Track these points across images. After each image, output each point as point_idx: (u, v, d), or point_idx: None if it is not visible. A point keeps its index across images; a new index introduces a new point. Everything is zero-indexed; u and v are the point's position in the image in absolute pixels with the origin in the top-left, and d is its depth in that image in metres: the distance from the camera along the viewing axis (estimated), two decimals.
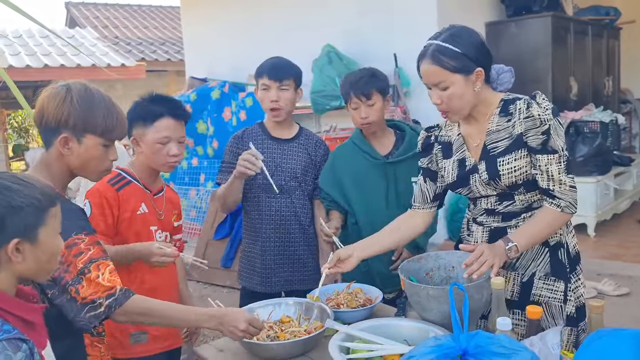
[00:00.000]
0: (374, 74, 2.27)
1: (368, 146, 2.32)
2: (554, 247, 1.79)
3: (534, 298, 1.78)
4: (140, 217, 1.98)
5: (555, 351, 1.26)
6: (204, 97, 5.88)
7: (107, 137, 1.56)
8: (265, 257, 2.42)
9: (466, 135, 1.83)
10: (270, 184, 2.24)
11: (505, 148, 1.72)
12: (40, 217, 1.17)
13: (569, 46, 5.54)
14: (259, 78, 2.37)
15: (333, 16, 5.36)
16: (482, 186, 1.78)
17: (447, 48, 1.65)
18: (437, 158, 1.92)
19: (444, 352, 1.10)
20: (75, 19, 13.00)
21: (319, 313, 1.82)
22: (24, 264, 1.15)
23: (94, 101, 1.54)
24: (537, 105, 1.67)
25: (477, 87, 1.69)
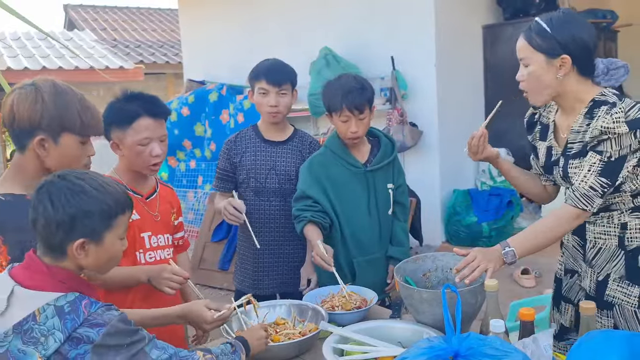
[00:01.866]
0: (364, 87, 2.15)
1: (349, 155, 2.24)
2: (633, 251, 1.73)
3: (608, 299, 1.75)
4: (132, 224, 1.86)
5: (547, 352, 1.26)
6: (201, 100, 5.89)
7: (84, 134, 1.53)
8: (259, 260, 2.42)
9: (558, 124, 1.82)
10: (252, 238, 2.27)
11: (578, 151, 1.71)
12: (108, 222, 1.28)
13: None
14: (256, 82, 2.33)
15: (331, 19, 5.37)
16: (561, 180, 1.79)
17: (541, 26, 1.66)
18: (537, 137, 1.91)
19: (436, 354, 1.11)
20: (73, 21, 13.01)
21: (314, 315, 1.82)
22: (85, 260, 1.27)
23: (67, 99, 1.50)
24: (609, 116, 1.59)
25: (559, 75, 1.66)
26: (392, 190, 2.27)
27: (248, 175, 2.39)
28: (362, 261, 2.22)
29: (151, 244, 1.96)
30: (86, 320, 1.17)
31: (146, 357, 1.23)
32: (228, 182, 2.44)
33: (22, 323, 1.17)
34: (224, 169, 2.44)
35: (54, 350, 1.14)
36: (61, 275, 1.24)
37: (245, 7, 6.12)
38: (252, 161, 2.39)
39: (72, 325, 1.16)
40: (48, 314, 1.17)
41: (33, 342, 1.15)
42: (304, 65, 5.13)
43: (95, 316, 1.18)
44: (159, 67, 10.45)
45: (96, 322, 1.17)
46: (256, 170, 2.38)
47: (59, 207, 1.22)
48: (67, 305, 1.18)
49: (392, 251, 2.28)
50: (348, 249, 2.23)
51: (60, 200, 1.23)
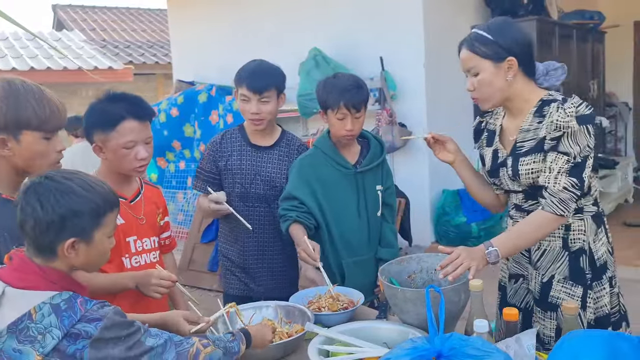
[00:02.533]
0: (361, 86, 2.16)
1: (339, 156, 2.23)
2: (576, 252, 1.78)
3: (552, 300, 1.79)
4: (117, 229, 1.74)
5: (530, 352, 1.27)
6: (191, 100, 5.87)
7: (45, 129, 1.51)
8: (244, 267, 2.37)
9: (505, 128, 1.87)
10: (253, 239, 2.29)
11: (529, 149, 1.75)
12: (97, 220, 1.29)
13: (554, 50, 5.59)
14: (239, 86, 2.25)
15: (320, 20, 5.37)
16: (509, 181, 1.82)
17: (482, 35, 1.73)
18: (483, 144, 1.95)
19: (419, 354, 1.11)
20: (62, 22, 12.92)
21: (300, 316, 1.82)
22: (76, 259, 1.28)
23: (20, 95, 1.48)
24: (563, 111, 1.65)
25: (509, 77, 1.72)
26: (381, 192, 2.27)
27: (234, 180, 2.32)
28: (351, 262, 2.22)
29: (136, 248, 1.92)
30: (83, 316, 1.19)
31: (142, 345, 1.25)
32: (212, 184, 2.32)
33: (17, 322, 1.17)
34: (208, 171, 2.35)
35: (52, 348, 1.15)
36: (53, 276, 1.25)
37: (235, 7, 6.10)
38: (238, 166, 2.32)
39: (70, 322, 1.17)
40: (44, 312, 1.17)
41: (29, 341, 1.15)
42: (293, 66, 5.13)
43: (92, 312, 1.20)
44: (148, 68, 10.41)
45: (93, 317, 1.19)
46: (241, 175, 2.31)
47: (48, 208, 1.22)
48: (63, 303, 1.19)
49: (381, 253, 2.28)
50: (337, 251, 2.23)
51: (49, 200, 1.23)
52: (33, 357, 1.15)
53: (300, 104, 5.06)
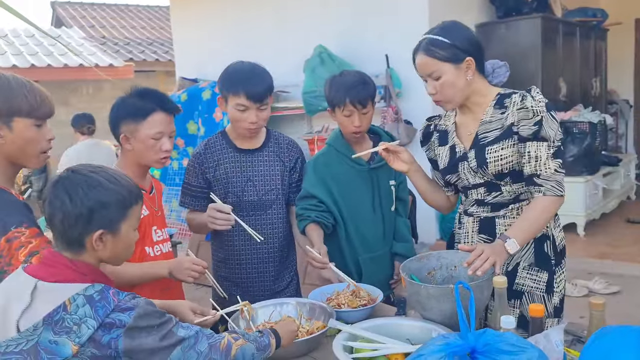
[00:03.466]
0: (366, 81, 2.16)
1: (352, 153, 2.21)
2: (540, 239, 1.86)
3: (517, 287, 1.85)
4: (144, 220, 1.93)
5: (559, 348, 1.27)
6: (194, 98, 5.87)
7: (36, 116, 1.57)
8: (237, 280, 2.25)
9: (460, 124, 1.93)
10: (248, 249, 2.16)
11: (495, 138, 1.81)
12: (123, 212, 1.32)
13: (558, 47, 5.61)
14: (231, 94, 2.06)
15: (325, 17, 5.37)
16: (470, 174, 1.86)
17: (438, 39, 1.77)
18: (434, 145, 2.00)
19: (453, 350, 1.11)
20: (61, 19, 12.87)
21: (321, 313, 1.82)
22: (103, 252, 1.31)
23: (11, 84, 1.54)
24: (532, 98, 1.75)
25: (468, 76, 1.80)
26: (395, 187, 2.30)
27: (225, 190, 2.18)
28: (368, 258, 2.23)
29: (157, 237, 2.00)
30: (117, 306, 1.20)
31: (174, 335, 1.26)
32: (201, 199, 2.20)
33: (52, 314, 1.18)
34: (195, 185, 2.20)
35: (88, 337, 1.17)
36: (84, 269, 1.27)
37: (238, 4, 6.09)
38: (227, 175, 2.18)
39: (104, 312, 1.19)
40: (79, 303, 1.19)
41: (65, 332, 1.17)
42: (298, 64, 5.14)
43: (125, 302, 1.22)
44: (148, 65, 10.39)
45: (126, 307, 1.21)
46: (233, 184, 2.17)
47: (77, 201, 1.25)
48: (97, 294, 1.21)
49: (397, 247, 2.30)
50: (353, 247, 2.24)
51: (78, 194, 1.26)
52: (69, 348, 1.16)
53: (306, 101, 5.06)
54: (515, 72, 5.01)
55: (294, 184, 2.28)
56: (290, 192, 2.28)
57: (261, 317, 1.85)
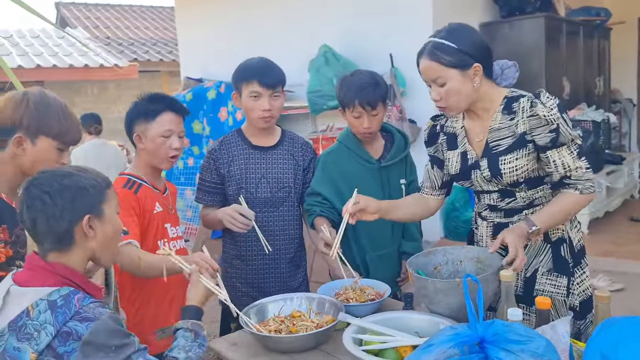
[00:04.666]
0: (378, 83, 2.16)
1: (363, 151, 2.25)
2: (556, 243, 1.83)
3: (537, 293, 1.83)
4: (157, 216, 2.05)
5: (565, 339, 1.30)
6: (199, 97, 5.90)
7: (61, 140, 1.63)
8: (249, 275, 2.29)
9: (469, 129, 1.86)
10: (260, 247, 2.14)
11: (508, 147, 1.74)
12: (102, 194, 1.34)
13: (561, 47, 5.62)
14: (246, 83, 2.14)
15: (329, 16, 5.40)
16: (483, 182, 1.82)
17: (444, 44, 1.68)
18: (443, 148, 1.95)
19: (462, 340, 1.14)
20: (65, 19, 12.91)
21: (330, 307, 1.85)
22: (95, 239, 1.32)
23: (49, 105, 1.62)
24: (542, 105, 1.67)
25: (475, 83, 1.71)
26: (405, 186, 2.29)
27: (238, 186, 2.23)
28: (375, 257, 2.25)
29: (172, 234, 2.09)
30: (77, 312, 1.16)
31: None
32: (215, 194, 2.27)
33: (16, 320, 1.16)
34: (210, 181, 2.27)
35: (46, 345, 1.13)
36: (62, 271, 1.26)
37: (243, 4, 6.12)
38: (242, 170, 2.23)
39: (63, 319, 1.15)
40: (41, 308, 1.16)
41: (27, 338, 1.14)
42: (303, 63, 5.16)
43: (87, 309, 1.18)
44: (153, 65, 10.43)
45: (86, 317, 1.16)
46: (246, 179, 2.23)
47: (55, 196, 1.26)
48: (60, 299, 1.18)
49: (405, 246, 2.32)
50: (361, 245, 2.26)
51: (53, 187, 1.27)
52: (28, 355, 1.12)
53: (310, 100, 5.08)
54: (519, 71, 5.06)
55: (307, 183, 2.31)
56: (303, 191, 2.31)
57: (271, 311, 1.88)
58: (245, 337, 1.78)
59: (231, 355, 1.69)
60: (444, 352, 1.14)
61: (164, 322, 2.06)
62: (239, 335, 1.81)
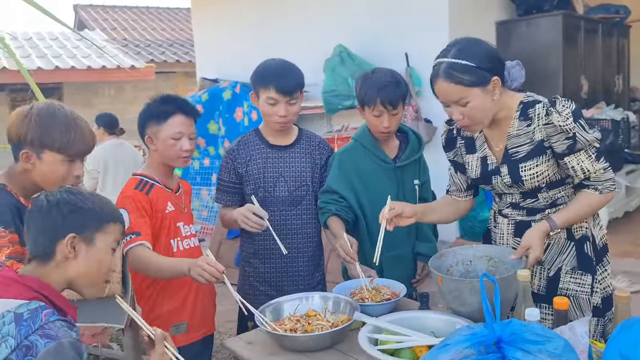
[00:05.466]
0: (399, 82, 2.14)
1: (379, 150, 2.23)
2: (580, 240, 1.81)
3: (561, 292, 1.81)
4: (169, 215, 2.07)
5: (584, 340, 1.29)
6: (215, 98, 5.94)
7: (66, 153, 1.60)
8: (267, 274, 2.28)
9: (488, 136, 1.85)
10: (278, 245, 2.08)
11: (527, 154, 1.74)
12: (99, 224, 1.32)
13: (579, 45, 5.55)
14: (263, 88, 2.13)
15: (344, 16, 5.40)
16: (504, 187, 1.82)
17: (459, 63, 1.63)
18: (462, 152, 1.94)
19: (479, 340, 1.13)
20: (83, 21, 13.11)
21: (345, 307, 1.85)
22: (74, 264, 1.28)
23: (53, 119, 1.60)
24: (558, 115, 1.66)
25: (495, 96, 1.69)
26: (418, 187, 2.28)
27: (256, 185, 2.23)
28: (389, 257, 2.22)
29: (185, 233, 2.12)
30: (41, 327, 1.13)
31: None
32: (233, 194, 2.28)
33: None
34: (228, 181, 2.27)
35: (3, 358, 1.11)
36: (35, 284, 1.23)
37: (258, 5, 6.15)
38: (259, 170, 2.23)
39: (26, 332, 1.12)
40: (6, 320, 1.14)
41: None
42: (318, 63, 5.17)
43: (51, 326, 1.14)
44: (169, 66, 10.52)
45: (48, 334, 1.13)
46: (264, 179, 2.22)
47: (53, 205, 1.28)
48: (27, 313, 1.16)
49: (420, 247, 2.30)
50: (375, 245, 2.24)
51: (55, 198, 1.30)
52: None
53: (326, 100, 5.08)
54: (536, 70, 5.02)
55: (324, 181, 2.29)
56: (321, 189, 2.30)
57: (287, 310, 1.88)
58: (260, 336, 1.78)
59: (246, 354, 1.69)
60: (460, 352, 1.13)
61: (177, 318, 2.09)
62: (254, 334, 1.81)
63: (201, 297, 2.17)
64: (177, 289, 2.09)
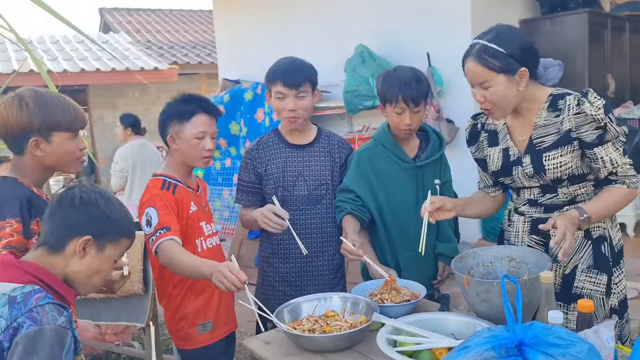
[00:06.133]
0: (421, 79, 2.14)
1: (399, 149, 2.22)
2: (597, 240, 1.81)
3: (576, 291, 1.80)
4: (193, 215, 2.08)
5: (609, 344, 1.25)
6: (237, 99, 5.96)
7: (72, 129, 1.66)
8: (287, 274, 2.27)
9: (511, 127, 1.86)
10: (298, 245, 2.08)
11: (553, 143, 1.74)
12: (117, 236, 1.37)
13: (606, 43, 5.44)
14: (272, 84, 2.17)
15: (366, 16, 5.37)
16: (525, 178, 1.81)
17: (492, 48, 1.67)
18: (483, 145, 1.95)
19: (500, 343, 1.11)
20: (109, 24, 13.31)
21: (364, 307, 1.83)
22: (78, 263, 1.31)
23: (47, 101, 1.63)
24: (590, 104, 1.68)
25: (521, 87, 1.71)
26: (439, 186, 2.25)
27: (276, 184, 2.23)
28: (408, 257, 2.20)
29: (207, 232, 2.12)
30: (29, 310, 1.15)
31: None
32: (253, 194, 2.28)
33: None
34: (248, 181, 2.28)
35: None
36: (33, 269, 1.26)
37: (280, 6, 6.16)
38: (279, 169, 2.24)
39: (16, 314, 1.15)
40: (1, 302, 1.17)
41: None
42: (339, 63, 5.15)
43: (39, 311, 1.16)
44: (192, 68, 10.60)
45: (34, 317, 1.15)
46: (284, 178, 2.23)
47: (84, 204, 1.32)
48: (21, 296, 1.18)
49: (441, 248, 2.28)
50: (393, 245, 2.23)
51: (89, 197, 1.33)
52: None
53: (347, 100, 5.07)
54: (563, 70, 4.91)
55: None
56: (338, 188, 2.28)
57: (305, 310, 1.87)
58: (278, 336, 1.78)
59: (265, 353, 1.69)
60: (480, 355, 1.11)
61: (204, 317, 2.11)
62: (272, 334, 1.81)
63: (225, 294, 2.15)
64: (202, 288, 2.09)
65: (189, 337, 2.10)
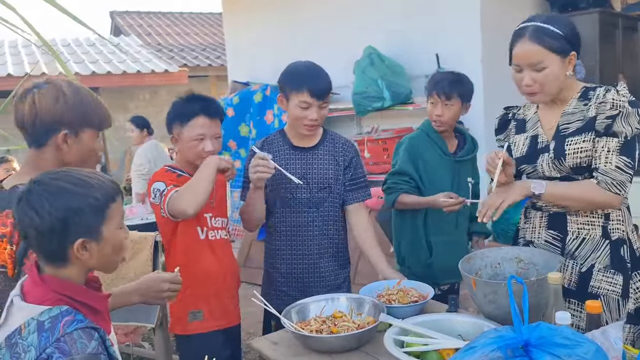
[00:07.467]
0: (459, 79, 2.42)
1: (442, 141, 2.47)
2: (616, 242, 1.79)
3: (592, 290, 1.78)
4: None
5: (617, 345, 1.24)
6: (246, 101, 5.98)
7: (101, 128, 1.64)
8: (290, 276, 2.27)
9: (542, 116, 1.89)
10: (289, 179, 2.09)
11: (576, 129, 1.76)
12: (101, 215, 1.21)
13: (617, 43, 5.39)
14: (295, 92, 2.12)
15: (375, 17, 5.37)
16: (547, 166, 1.81)
17: (548, 28, 1.70)
18: (511, 133, 1.98)
19: (506, 343, 1.11)
20: (119, 27, 13.41)
21: (372, 308, 1.83)
22: (91, 259, 1.22)
23: (84, 97, 1.59)
24: (616, 92, 1.70)
25: (569, 72, 1.74)
26: (471, 184, 2.45)
27: (278, 186, 2.23)
28: (440, 242, 2.41)
29: (212, 224, 2.15)
30: (57, 340, 1.10)
31: None
32: None
33: (10, 336, 1.13)
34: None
35: None
36: (58, 287, 1.18)
37: (288, 8, 6.18)
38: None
39: (45, 344, 1.09)
40: (31, 328, 1.12)
41: (16, 357, 1.10)
42: (348, 65, 5.15)
43: (67, 340, 1.10)
44: (202, 70, 10.66)
45: (63, 348, 1.09)
46: (286, 180, 2.19)
47: (44, 215, 1.15)
48: (48, 321, 1.12)
49: (474, 227, 2.56)
50: (428, 228, 2.44)
51: (43, 207, 1.15)
52: None
53: (356, 102, 5.06)
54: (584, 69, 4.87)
55: (347, 182, 2.28)
56: (345, 191, 2.28)
57: (313, 311, 1.87)
58: (286, 336, 1.79)
59: (272, 354, 1.70)
60: (486, 355, 1.11)
61: (194, 306, 2.14)
62: (280, 335, 1.82)
63: (219, 287, 2.19)
64: (202, 279, 2.13)
65: (181, 322, 2.16)
